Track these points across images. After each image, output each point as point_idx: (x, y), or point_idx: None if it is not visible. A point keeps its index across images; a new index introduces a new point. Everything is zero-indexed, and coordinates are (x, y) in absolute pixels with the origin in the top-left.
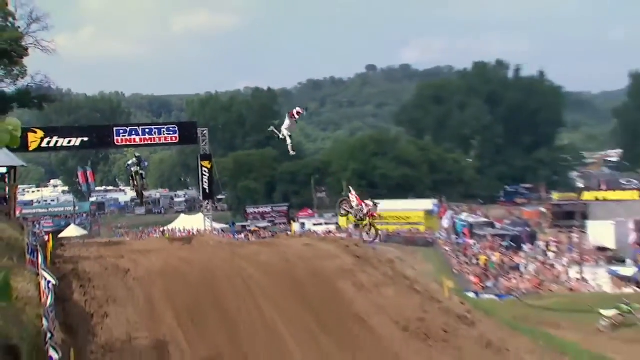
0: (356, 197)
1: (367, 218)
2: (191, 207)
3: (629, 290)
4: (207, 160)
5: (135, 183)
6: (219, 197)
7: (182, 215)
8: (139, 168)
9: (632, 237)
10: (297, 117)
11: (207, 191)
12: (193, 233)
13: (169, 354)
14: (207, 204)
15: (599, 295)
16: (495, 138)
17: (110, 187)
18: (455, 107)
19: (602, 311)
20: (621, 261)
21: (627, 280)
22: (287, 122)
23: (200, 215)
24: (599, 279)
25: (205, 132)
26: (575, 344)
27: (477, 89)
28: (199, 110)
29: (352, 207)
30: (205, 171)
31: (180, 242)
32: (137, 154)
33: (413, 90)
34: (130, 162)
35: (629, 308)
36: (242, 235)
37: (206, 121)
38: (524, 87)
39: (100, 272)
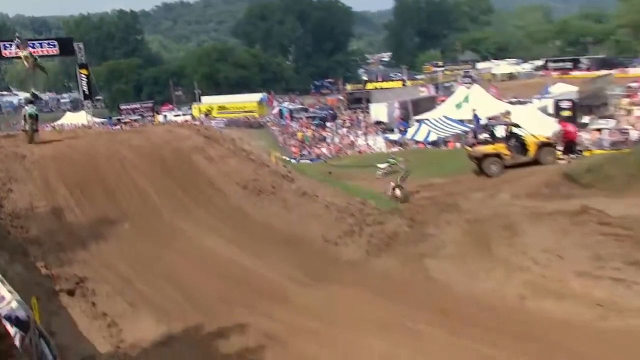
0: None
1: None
2: (75, 106)
3: (395, 149)
4: (84, 68)
5: (27, 127)
6: (97, 97)
7: (68, 113)
8: (35, 109)
9: (397, 113)
10: None
11: (87, 93)
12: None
13: (65, 217)
14: (88, 103)
15: (378, 155)
16: (305, 46)
17: (5, 92)
18: (276, 23)
19: (378, 165)
20: (391, 130)
21: (394, 142)
22: None
23: (82, 113)
24: (378, 143)
25: (80, 45)
26: (361, 188)
27: (291, 8)
28: (74, 29)
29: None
30: (83, 77)
31: (68, 134)
32: (33, 90)
33: (244, 10)
34: (27, 107)
35: (395, 161)
36: (118, 127)
37: (81, 37)
38: (324, 7)
39: (1, 158)
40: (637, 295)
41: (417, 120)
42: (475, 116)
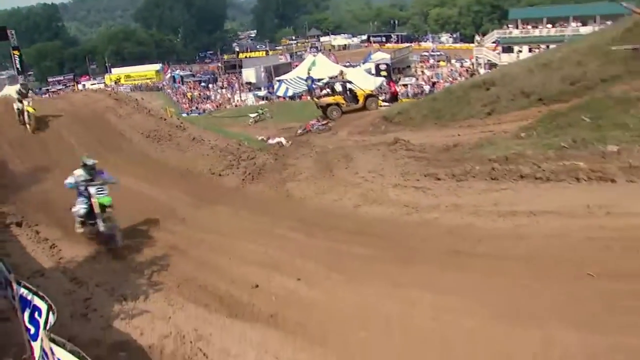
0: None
1: None
2: (12, 81)
3: (262, 102)
4: (16, 50)
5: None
6: (29, 73)
7: (7, 85)
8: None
9: (263, 75)
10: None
11: (19, 69)
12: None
13: (8, 166)
14: (21, 78)
15: (249, 107)
16: (191, 26)
17: None
18: (167, 9)
19: (250, 114)
20: (258, 88)
21: (261, 97)
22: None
23: (18, 85)
24: (249, 99)
25: (12, 32)
26: (237, 133)
27: None
28: (8, 19)
29: None
30: (16, 57)
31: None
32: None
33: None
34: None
35: (262, 111)
36: (46, 95)
37: (13, 26)
38: None
39: None
40: (429, 197)
41: (278, 80)
42: (311, 77)
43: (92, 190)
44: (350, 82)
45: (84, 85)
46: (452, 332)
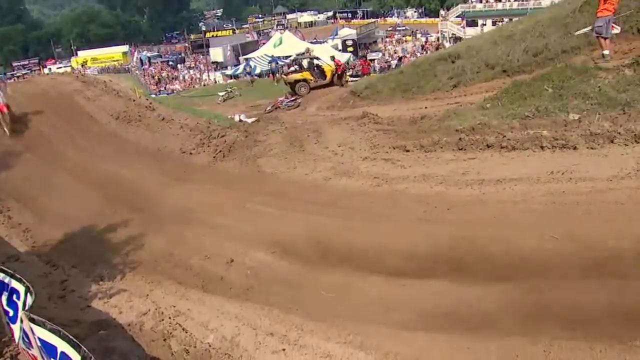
0: None
1: None
2: None
3: (231, 81)
4: None
5: None
6: None
7: None
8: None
9: (229, 54)
10: None
11: None
12: None
13: None
14: None
15: (218, 86)
16: (156, 6)
17: None
18: None
19: (219, 93)
20: (225, 67)
21: (229, 76)
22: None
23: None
24: (217, 78)
25: None
26: (207, 111)
27: None
28: None
29: None
30: None
31: None
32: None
33: None
34: None
35: (231, 89)
36: (11, 80)
37: None
38: None
39: None
40: (398, 169)
41: (245, 59)
42: (274, 59)
43: None
44: (317, 58)
45: (49, 69)
46: (416, 292)
